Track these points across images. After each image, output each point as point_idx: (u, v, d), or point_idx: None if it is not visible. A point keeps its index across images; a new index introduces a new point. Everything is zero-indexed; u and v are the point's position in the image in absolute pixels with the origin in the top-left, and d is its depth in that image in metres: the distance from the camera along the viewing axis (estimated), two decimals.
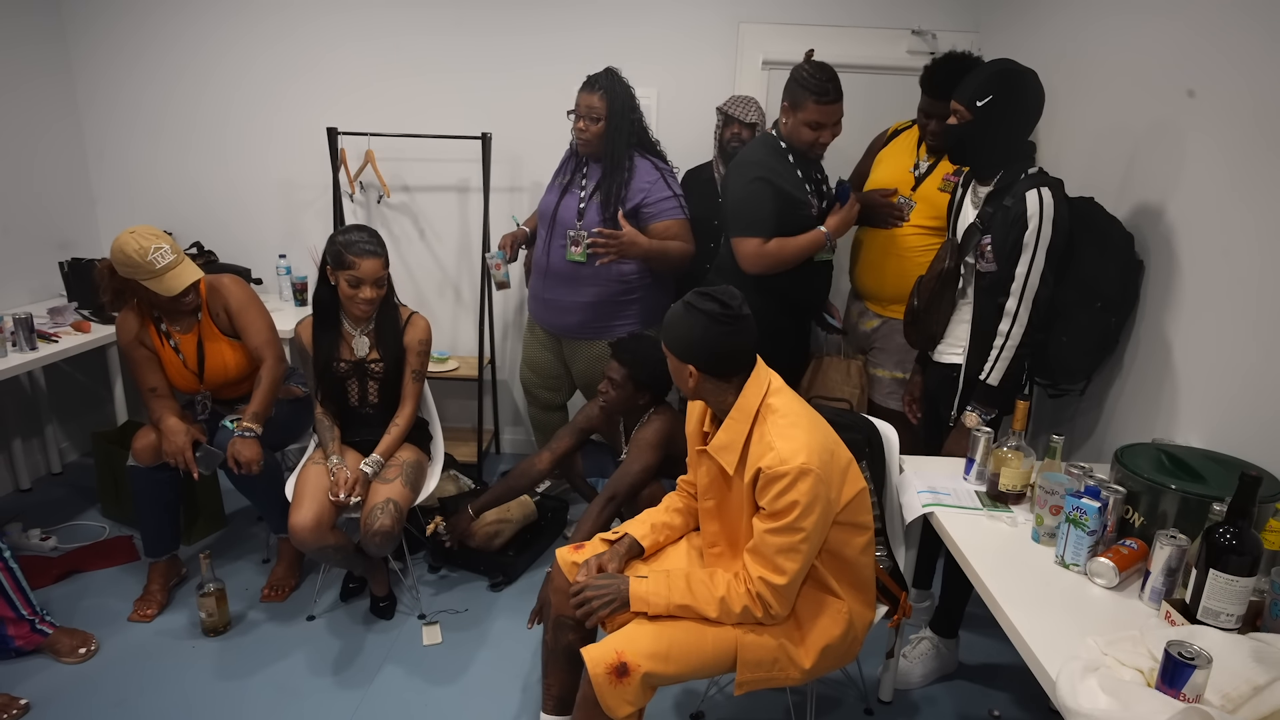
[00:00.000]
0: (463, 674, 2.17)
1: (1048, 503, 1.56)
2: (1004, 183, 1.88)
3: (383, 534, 2.08)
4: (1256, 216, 1.63)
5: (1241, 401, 1.65)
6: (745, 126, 2.71)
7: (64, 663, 2.13)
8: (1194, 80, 1.83)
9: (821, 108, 2.21)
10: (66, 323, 2.79)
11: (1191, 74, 1.84)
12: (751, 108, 2.73)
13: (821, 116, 2.22)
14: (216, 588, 2.25)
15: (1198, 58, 1.82)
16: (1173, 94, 1.91)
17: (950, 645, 2.19)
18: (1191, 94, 1.79)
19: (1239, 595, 1.23)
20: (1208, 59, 1.79)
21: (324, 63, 3.18)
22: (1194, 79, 1.83)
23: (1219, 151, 1.75)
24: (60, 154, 3.21)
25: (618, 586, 1.56)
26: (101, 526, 2.82)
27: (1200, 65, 1.81)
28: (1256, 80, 1.65)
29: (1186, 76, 1.85)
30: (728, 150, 2.74)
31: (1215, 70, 1.77)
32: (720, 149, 2.80)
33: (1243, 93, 1.69)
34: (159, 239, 2.09)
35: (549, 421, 2.97)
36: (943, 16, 3.00)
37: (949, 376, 2.06)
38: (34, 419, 3.15)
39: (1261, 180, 1.62)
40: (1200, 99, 1.81)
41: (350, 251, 2.10)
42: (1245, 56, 1.69)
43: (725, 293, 1.50)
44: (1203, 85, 1.80)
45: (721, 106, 2.78)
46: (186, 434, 2.20)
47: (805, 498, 1.42)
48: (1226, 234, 1.71)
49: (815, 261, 2.39)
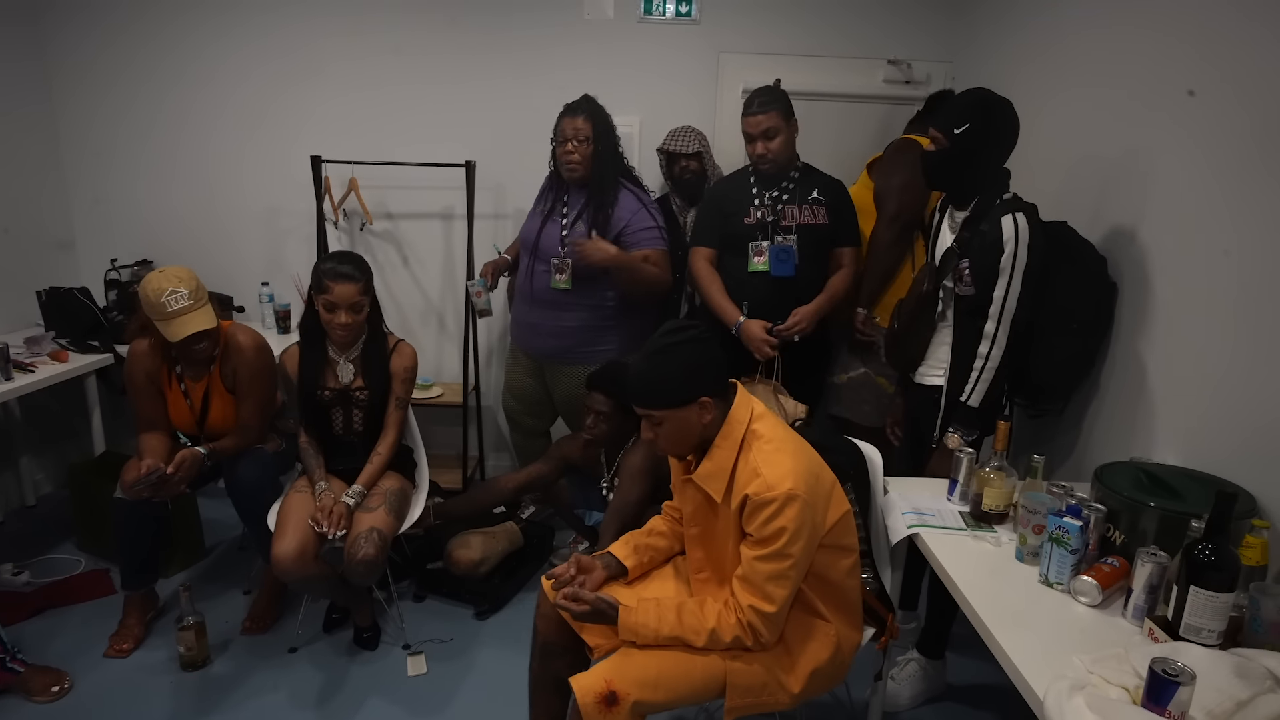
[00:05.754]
0: (448, 705, 2.14)
1: (1030, 522, 1.58)
2: (980, 208, 1.93)
3: (367, 563, 2.05)
4: (1227, 238, 1.68)
5: (1216, 420, 1.69)
6: (689, 158, 2.80)
7: (36, 701, 2.07)
8: (1168, 106, 1.89)
9: (745, 119, 2.41)
10: (44, 352, 2.75)
11: (1166, 100, 1.90)
12: (691, 138, 2.80)
13: (746, 127, 2.41)
14: (196, 620, 2.20)
15: (1172, 84, 1.88)
16: (1143, 120, 1.98)
17: (937, 667, 2.19)
18: (1192, 93, 1.83)
19: (1219, 611, 1.25)
20: (1178, 86, 1.85)
21: (307, 91, 3.20)
22: (1167, 104, 1.89)
23: (1189, 176, 1.80)
24: (40, 182, 3.19)
25: (603, 608, 1.55)
26: (77, 559, 2.75)
27: (1170, 92, 1.87)
28: (1224, 107, 1.71)
29: (1159, 103, 1.91)
30: (680, 183, 2.84)
31: (1183, 97, 1.83)
32: (674, 184, 2.87)
33: (1212, 118, 1.75)
34: (182, 282, 2.10)
35: (532, 448, 2.96)
36: (918, 47, 3.09)
37: (930, 398, 2.08)
38: (8, 451, 3.09)
39: (1232, 203, 1.67)
40: (1172, 124, 1.87)
41: (327, 276, 2.11)
42: (1214, 83, 1.75)
43: (674, 324, 1.53)
44: (1175, 110, 1.86)
45: (661, 147, 2.85)
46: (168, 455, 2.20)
47: (793, 523, 1.42)
48: (1198, 256, 1.76)
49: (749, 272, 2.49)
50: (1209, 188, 1.74)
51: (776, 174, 2.47)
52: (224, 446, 2.29)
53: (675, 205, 2.90)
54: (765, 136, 2.38)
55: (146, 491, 2.14)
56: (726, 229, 2.51)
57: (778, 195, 2.47)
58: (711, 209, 2.58)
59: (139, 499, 2.17)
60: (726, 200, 2.53)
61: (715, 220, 2.54)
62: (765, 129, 2.37)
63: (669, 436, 1.52)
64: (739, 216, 2.48)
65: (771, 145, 2.39)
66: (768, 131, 2.37)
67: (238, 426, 2.33)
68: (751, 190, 2.49)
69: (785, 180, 2.48)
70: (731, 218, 2.49)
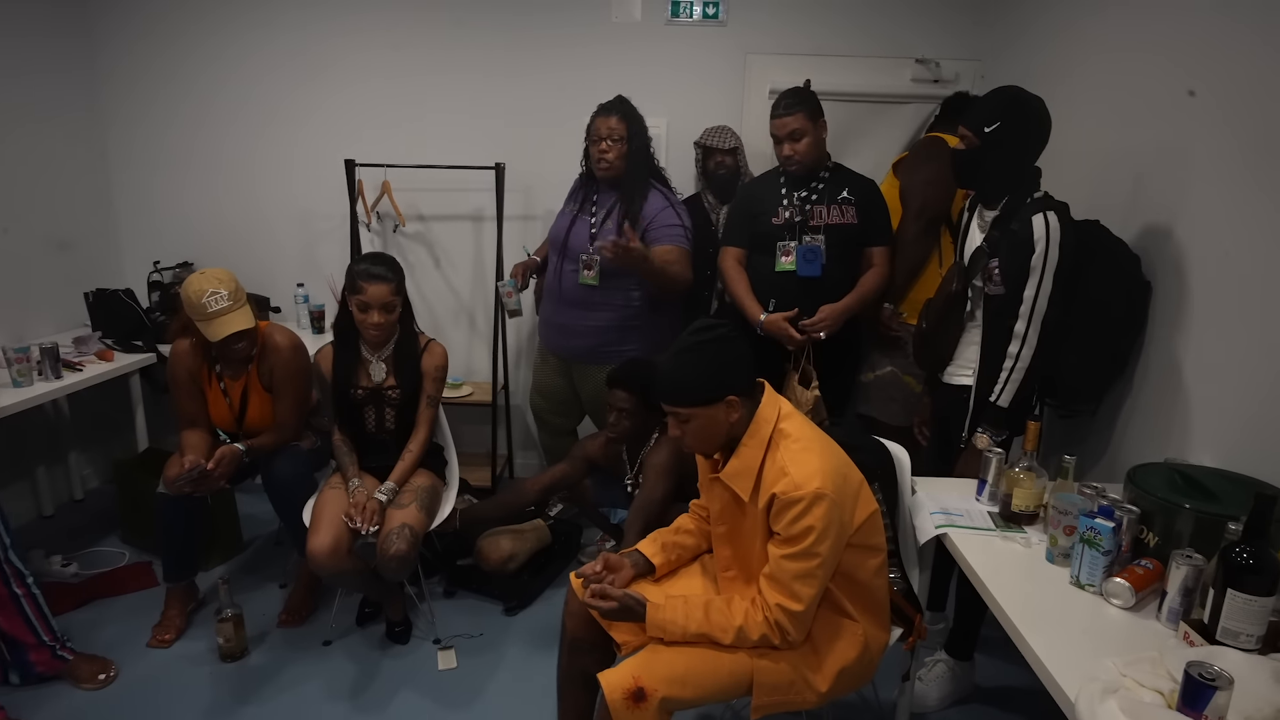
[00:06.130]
0: (478, 699, 2.17)
1: (1061, 523, 1.56)
2: (1010, 207, 1.91)
3: (398, 558, 2.10)
4: (1264, 235, 1.64)
5: (1255, 420, 1.65)
6: (725, 153, 2.83)
7: (83, 689, 2.14)
8: (1199, 101, 1.86)
9: (772, 121, 2.41)
10: (91, 351, 2.85)
11: (1196, 96, 1.86)
12: (727, 135, 2.84)
13: (773, 129, 2.42)
14: (234, 613, 2.27)
15: (1200, 80, 1.85)
16: (1176, 115, 1.94)
17: (966, 668, 2.17)
18: (1192, 93, 1.81)
19: (1258, 615, 1.23)
20: (1211, 79, 1.81)
21: (342, 97, 3.27)
22: (1198, 101, 1.86)
23: (1224, 171, 1.77)
24: (87, 186, 3.30)
25: (632, 606, 1.57)
26: (121, 553, 2.84)
27: (1204, 86, 1.84)
28: (1261, 98, 1.67)
29: (1190, 99, 1.88)
30: (714, 178, 2.86)
31: (1220, 90, 1.79)
32: (707, 179, 2.89)
33: (1246, 112, 1.71)
34: (222, 284, 2.17)
35: (559, 446, 2.99)
36: (945, 45, 3.06)
37: (959, 398, 2.07)
38: (57, 447, 3.20)
39: (1268, 198, 1.64)
40: (1204, 118, 1.84)
41: (360, 278, 2.16)
42: (1249, 75, 1.71)
43: (702, 323, 1.53)
44: (1207, 105, 1.83)
45: (698, 141, 2.88)
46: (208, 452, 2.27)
47: (820, 523, 1.42)
48: (1234, 253, 1.73)
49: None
50: (1247, 184, 1.70)
51: (806, 174, 2.47)
52: (261, 443, 2.35)
53: (708, 203, 2.91)
54: (792, 138, 2.38)
55: (188, 487, 2.21)
56: (756, 229, 2.51)
57: (806, 195, 2.47)
58: (741, 209, 2.61)
59: (180, 494, 2.24)
60: (756, 200, 2.54)
61: (745, 220, 2.56)
62: (791, 130, 2.37)
63: (696, 434, 1.53)
64: (767, 216, 2.48)
65: (798, 147, 2.39)
66: (794, 133, 2.37)
67: (274, 424, 2.39)
68: (781, 190, 2.49)
69: (815, 180, 2.48)
70: (760, 217, 2.50)
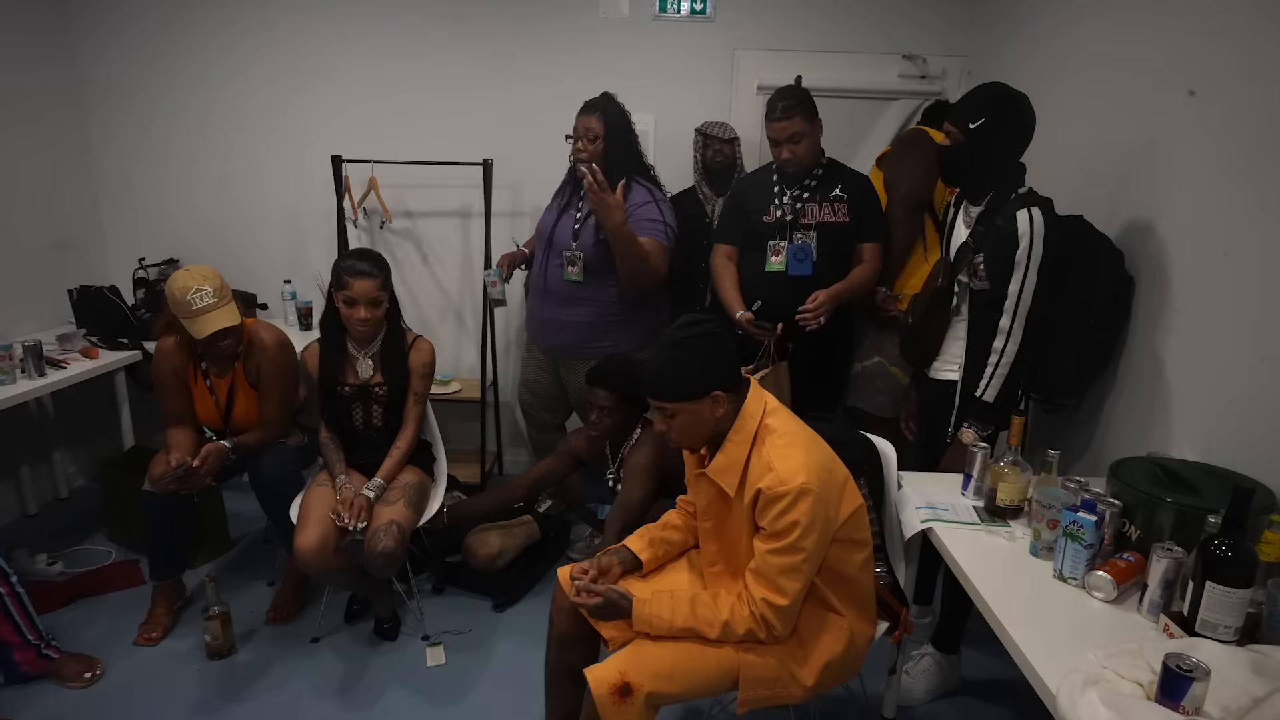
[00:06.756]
0: (466, 695, 2.18)
1: (1045, 517, 1.57)
2: (995, 202, 1.92)
3: (386, 555, 2.09)
4: (1244, 232, 1.66)
5: (1234, 414, 1.67)
6: (724, 143, 2.83)
7: (69, 688, 2.13)
8: (1181, 100, 1.87)
9: (769, 124, 2.39)
10: (75, 349, 2.83)
11: (1180, 94, 1.87)
12: (727, 126, 2.86)
13: (772, 133, 2.39)
14: (221, 610, 2.26)
15: (1186, 79, 1.86)
16: (1160, 113, 1.95)
17: (952, 661, 2.19)
18: (1192, 93, 1.82)
19: (1236, 607, 1.24)
20: (1197, 78, 1.83)
21: (329, 93, 3.25)
22: (1181, 99, 1.87)
23: (1207, 168, 1.78)
24: (70, 184, 3.26)
25: (618, 601, 1.58)
26: (108, 551, 2.83)
27: (1187, 84, 1.85)
28: (1243, 97, 1.69)
29: (1175, 97, 1.89)
30: (711, 167, 2.86)
31: (1203, 88, 1.81)
32: (704, 168, 2.89)
33: (1228, 111, 1.73)
34: (207, 281, 2.16)
35: (547, 442, 2.99)
36: (933, 42, 3.06)
37: (945, 393, 2.08)
38: (42, 445, 3.17)
39: (1250, 196, 1.65)
40: (1187, 116, 1.85)
41: (346, 273, 2.16)
42: (1234, 75, 1.73)
43: (688, 318, 1.53)
44: (1191, 103, 1.84)
45: (700, 128, 2.88)
46: (194, 449, 2.25)
47: (806, 517, 1.43)
48: (1216, 249, 1.74)
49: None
50: (1228, 181, 1.71)
51: (799, 172, 2.46)
52: (248, 441, 2.34)
53: (703, 194, 2.89)
54: (791, 141, 2.36)
55: (174, 485, 2.20)
56: (748, 226, 2.51)
57: (798, 193, 2.46)
58: (734, 206, 2.61)
59: (167, 492, 2.23)
60: (748, 197, 2.54)
61: (737, 217, 2.55)
62: (791, 134, 2.35)
63: (681, 429, 1.53)
64: (760, 214, 2.48)
65: (797, 149, 2.37)
66: (793, 137, 2.35)
67: (261, 421, 2.38)
68: (774, 188, 2.48)
69: (808, 178, 2.47)
70: (753, 215, 2.50)
